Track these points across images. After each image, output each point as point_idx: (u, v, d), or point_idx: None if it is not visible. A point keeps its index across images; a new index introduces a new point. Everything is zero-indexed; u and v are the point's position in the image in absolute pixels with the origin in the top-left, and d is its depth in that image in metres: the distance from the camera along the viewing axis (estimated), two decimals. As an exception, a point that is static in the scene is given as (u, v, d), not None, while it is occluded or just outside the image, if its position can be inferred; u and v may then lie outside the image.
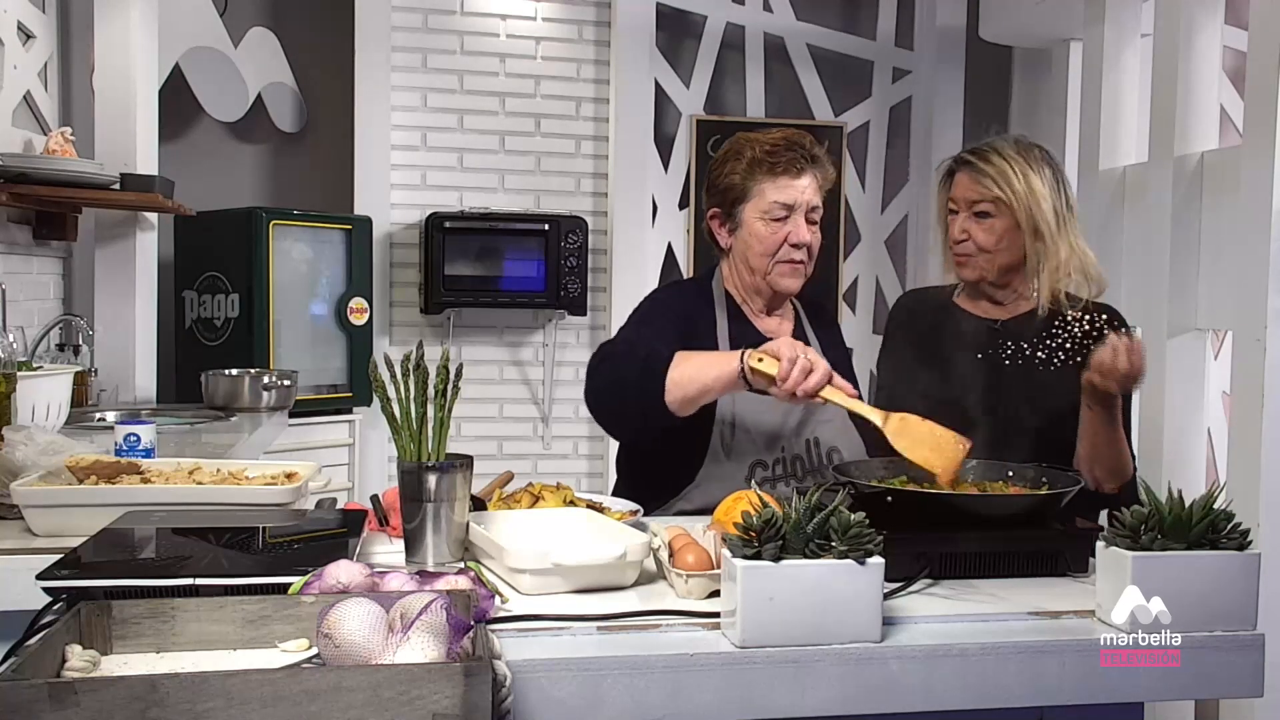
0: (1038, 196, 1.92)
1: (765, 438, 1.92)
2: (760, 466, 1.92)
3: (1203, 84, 2.96)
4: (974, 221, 1.97)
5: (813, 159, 1.94)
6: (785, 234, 1.91)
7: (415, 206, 3.98)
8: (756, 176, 1.92)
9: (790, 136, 1.95)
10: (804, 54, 4.24)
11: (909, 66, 4.35)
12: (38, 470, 1.64)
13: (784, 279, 1.96)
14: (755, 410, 1.90)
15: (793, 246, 1.92)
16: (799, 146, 1.93)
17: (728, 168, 1.96)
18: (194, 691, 0.91)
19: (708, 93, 4.19)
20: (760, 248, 1.93)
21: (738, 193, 1.94)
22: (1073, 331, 1.98)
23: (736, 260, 2.00)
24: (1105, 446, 1.84)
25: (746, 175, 1.93)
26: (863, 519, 1.20)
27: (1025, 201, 1.92)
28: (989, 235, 1.96)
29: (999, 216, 1.94)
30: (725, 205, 1.97)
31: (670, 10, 4.09)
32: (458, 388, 1.43)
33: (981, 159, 1.96)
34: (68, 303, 3.53)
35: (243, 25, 3.92)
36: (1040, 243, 1.94)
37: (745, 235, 1.95)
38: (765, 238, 1.92)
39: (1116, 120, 3.42)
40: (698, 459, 1.90)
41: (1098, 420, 1.83)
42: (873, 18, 4.34)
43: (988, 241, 1.96)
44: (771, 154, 1.91)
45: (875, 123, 4.34)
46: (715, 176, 1.99)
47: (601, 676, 1.12)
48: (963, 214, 1.98)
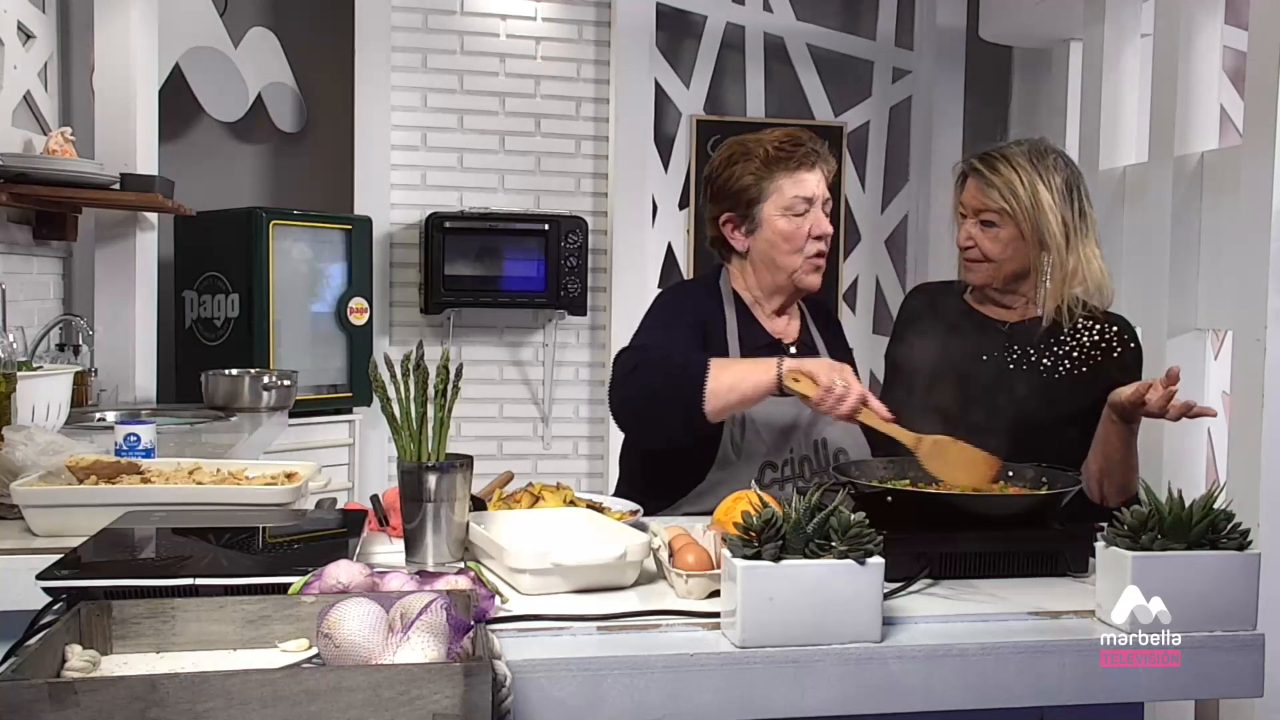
0: (1044, 209, 1.91)
1: (775, 438, 1.92)
2: (770, 468, 1.92)
3: (1203, 84, 2.96)
4: (980, 229, 1.96)
5: (818, 153, 1.96)
6: (808, 227, 1.92)
7: (415, 206, 3.99)
8: (773, 174, 1.92)
9: (794, 133, 1.96)
10: (804, 54, 4.24)
11: (909, 66, 4.35)
12: (38, 470, 1.64)
13: (809, 275, 1.96)
14: (767, 410, 1.90)
15: (815, 239, 1.94)
16: (805, 141, 1.95)
17: (738, 169, 1.95)
18: (194, 691, 0.91)
19: (708, 93, 4.19)
20: (788, 245, 1.93)
21: (753, 193, 1.93)
22: (1080, 341, 1.98)
23: (756, 261, 1.98)
24: (1120, 462, 1.85)
25: (761, 174, 1.92)
26: (863, 519, 1.20)
27: (1031, 214, 1.91)
28: (994, 244, 1.95)
29: (1004, 226, 1.94)
30: (740, 207, 1.96)
31: (670, 10, 4.09)
32: (458, 388, 1.43)
33: (989, 168, 1.94)
34: (68, 303, 3.53)
35: (243, 25, 3.91)
36: (1046, 254, 1.93)
37: (768, 234, 1.94)
38: (791, 233, 1.92)
39: (1116, 120, 3.42)
40: (707, 461, 1.90)
41: (1118, 435, 1.83)
42: (873, 18, 4.34)
43: (993, 250, 1.95)
44: (783, 150, 1.92)
45: (875, 123, 4.34)
46: (724, 180, 1.97)
47: (601, 676, 1.12)
48: (970, 220, 1.98)
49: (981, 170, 1.95)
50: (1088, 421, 1.95)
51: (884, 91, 4.34)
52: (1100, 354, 1.97)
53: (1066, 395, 1.94)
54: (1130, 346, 2.00)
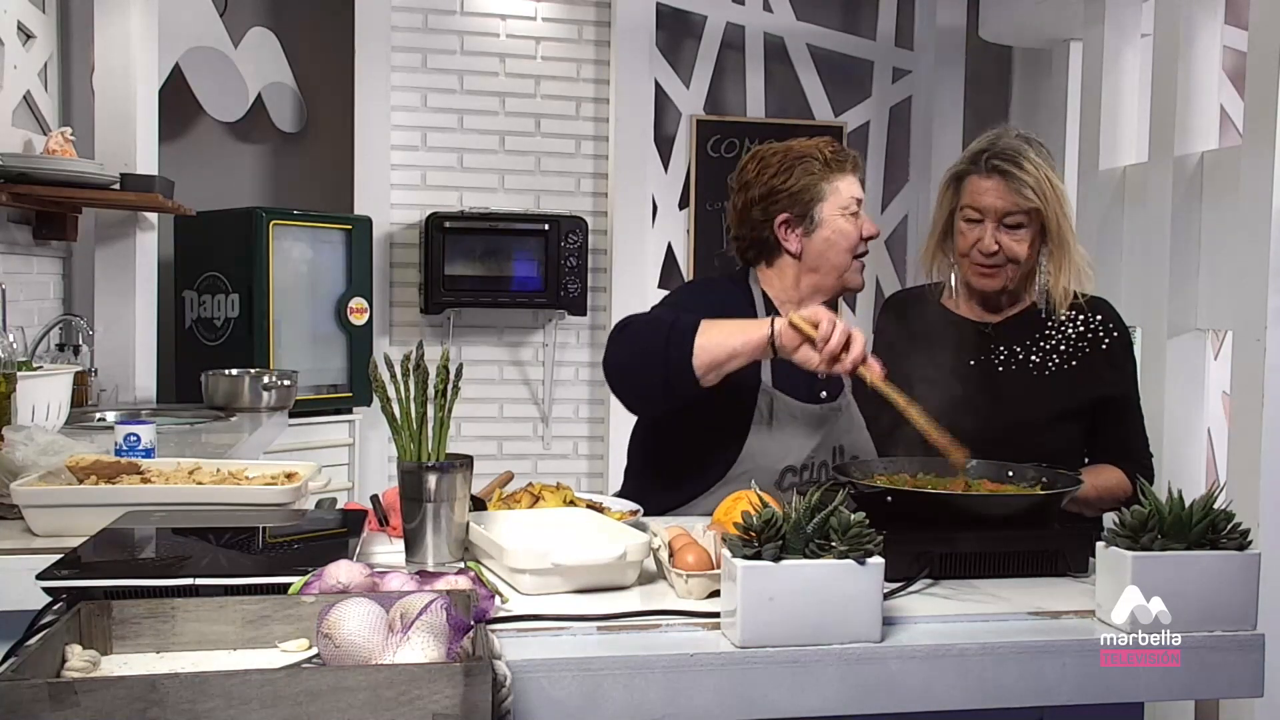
0: (1063, 200, 1.89)
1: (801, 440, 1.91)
2: (790, 472, 1.91)
3: (1203, 84, 2.96)
4: (1006, 232, 1.90)
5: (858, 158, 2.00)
6: (861, 227, 1.95)
7: (415, 206, 3.99)
8: (830, 176, 1.94)
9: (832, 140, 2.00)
10: (804, 54, 4.24)
11: (909, 66, 4.35)
12: (38, 470, 1.64)
13: (857, 275, 1.98)
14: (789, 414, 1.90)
15: (865, 239, 1.96)
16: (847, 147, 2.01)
17: (800, 169, 1.93)
18: (194, 691, 0.91)
19: (708, 93, 4.19)
20: (845, 244, 1.94)
21: (814, 193, 1.93)
22: (1066, 333, 1.96)
23: (809, 261, 1.96)
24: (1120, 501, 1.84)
25: (822, 176, 1.94)
26: (863, 519, 1.20)
27: (1055, 208, 1.88)
28: (1021, 246, 1.90)
29: (1030, 226, 1.90)
30: (798, 207, 1.95)
31: (670, 10, 4.10)
32: (458, 388, 1.42)
33: (1015, 165, 1.88)
34: (68, 303, 3.53)
35: (243, 25, 3.92)
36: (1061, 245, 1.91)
37: (827, 234, 1.93)
38: (849, 233, 1.94)
39: (1116, 120, 3.42)
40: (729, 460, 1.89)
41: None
42: (873, 18, 4.34)
43: (1020, 252, 1.91)
44: (838, 153, 1.95)
45: (875, 123, 4.34)
46: (782, 182, 1.95)
47: (601, 676, 1.12)
48: (990, 224, 1.91)
49: (1009, 170, 1.88)
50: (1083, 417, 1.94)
51: (884, 91, 4.34)
52: (1088, 345, 1.96)
53: (1058, 392, 1.93)
54: (1115, 335, 1.98)
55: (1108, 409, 1.95)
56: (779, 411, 1.89)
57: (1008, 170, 1.88)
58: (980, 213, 1.92)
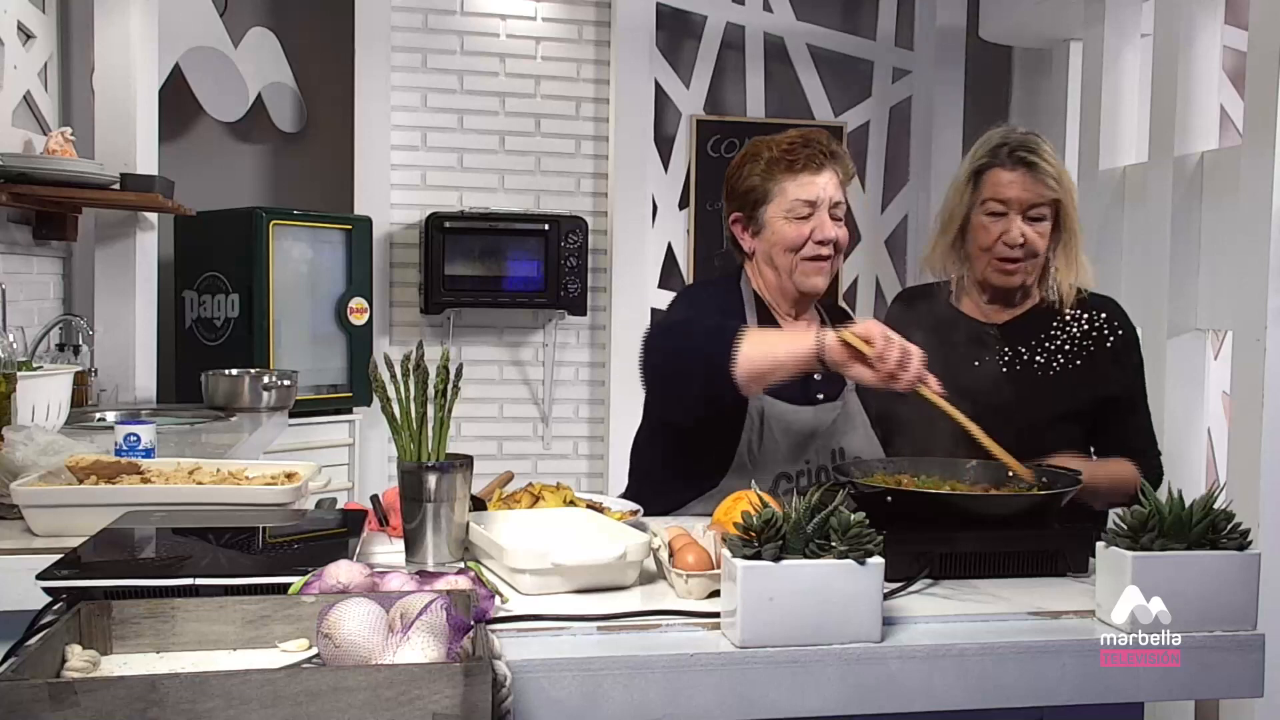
0: (1073, 190, 1.89)
1: (793, 447, 1.88)
2: (785, 478, 1.88)
3: (1203, 84, 2.96)
4: (1029, 225, 1.89)
5: (831, 154, 1.90)
6: (810, 230, 1.87)
7: (415, 206, 3.99)
8: (776, 176, 1.88)
9: (807, 134, 1.91)
10: (804, 54, 4.24)
11: (909, 66, 4.35)
12: (38, 470, 1.64)
13: (809, 278, 1.90)
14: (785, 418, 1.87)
15: (817, 243, 1.88)
16: (816, 143, 1.90)
17: (746, 170, 1.92)
18: (194, 691, 0.91)
19: (708, 93, 4.19)
20: (784, 246, 1.88)
21: (759, 194, 1.90)
22: (1071, 332, 1.96)
23: (760, 263, 1.95)
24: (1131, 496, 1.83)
25: (766, 176, 1.89)
26: (863, 519, 1.20)
27: (1069, 197, 1.88)
28: (1043, 238, 1.90)
29: (1049, 218, 1.89)
30: (747, 208, 1.93)
31: (670, 10, 4.09)
32: (458, 388, 1.43)
33: (1039, 156, 1.86)
34: (68, 303, 3.53)
35: (243, 25, 3.91)
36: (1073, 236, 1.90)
37: (769, 236, 1.90)
38: (790, 236, 1.87)
39: (1116, 120, 3.42)
40: (723, 467, 1.87)
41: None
42: (873, 18, 4.34)
43: (1041, 245, 1.90)
44: (789, 152, 1.88)
45: (875, 123, 4.34)
46: (734, 180, 1.94)
47: (601, 676, 1.12)
48: (1015, 216, 1.89)
49: (1034, 160, 1.86)
50: (1088, 418, 1.94)
51: (884, 91, 4.34)
52: (1092, 343, 1.95)
53: (1063, 392, 1.92)
54: (1120, 333, 1.97)
55: (1112, 408, 1.95)
56: (770, 419, 1.86)
57: (1033, 161, 1.87)
58: (1005, 205, 1.90)
